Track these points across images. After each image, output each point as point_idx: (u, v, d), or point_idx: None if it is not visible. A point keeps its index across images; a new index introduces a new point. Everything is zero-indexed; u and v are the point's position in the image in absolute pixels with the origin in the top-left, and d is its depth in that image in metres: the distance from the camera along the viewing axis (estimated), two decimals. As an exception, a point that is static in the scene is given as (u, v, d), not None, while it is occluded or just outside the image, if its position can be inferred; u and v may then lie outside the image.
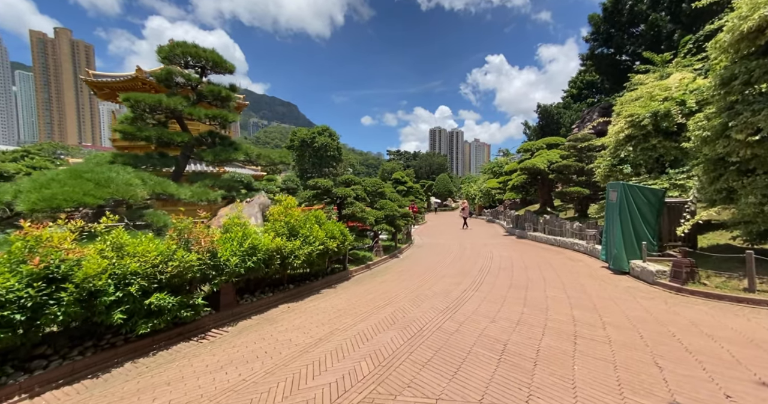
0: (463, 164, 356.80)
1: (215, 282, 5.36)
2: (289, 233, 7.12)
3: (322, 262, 7.90)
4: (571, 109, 36.83)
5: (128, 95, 7.14)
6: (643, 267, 7.42)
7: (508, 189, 21.01)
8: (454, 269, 9.94)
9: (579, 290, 6.93)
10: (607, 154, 11.62)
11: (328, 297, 7.20)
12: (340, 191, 10.02)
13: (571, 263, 10.26)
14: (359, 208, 10.04)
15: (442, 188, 64.10)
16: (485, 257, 11.88)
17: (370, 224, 10.98)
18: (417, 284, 8.07)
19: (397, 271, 10.01)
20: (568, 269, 9.23)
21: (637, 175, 10.46)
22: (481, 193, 37.56)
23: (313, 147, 61.37)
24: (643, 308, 5.65)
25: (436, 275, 9.06)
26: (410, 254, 13.87)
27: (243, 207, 7.44)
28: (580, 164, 14.94)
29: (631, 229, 8.11)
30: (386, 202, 12.96)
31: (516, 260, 11.17)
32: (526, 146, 21.29)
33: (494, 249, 13.96)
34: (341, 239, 8.34)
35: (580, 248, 12.29)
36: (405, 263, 11.38)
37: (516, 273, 8.96)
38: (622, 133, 10.57)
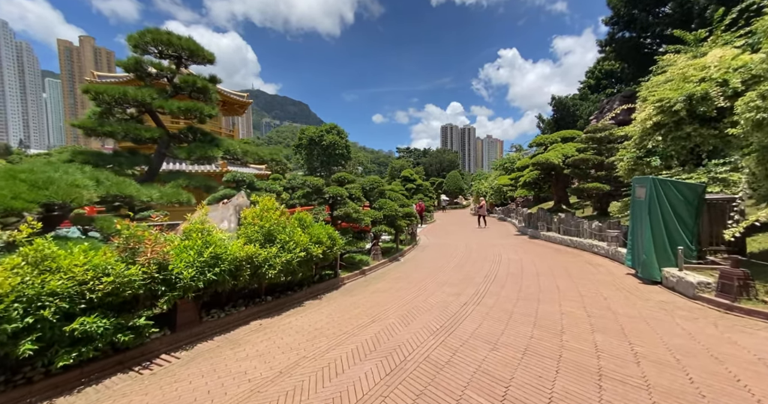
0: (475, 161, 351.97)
1: (165, 299, 4.55)
2: (264, 239, 6.28)
3: (307, 270, 7.05)
4: (588, 100, 34.93)
5: (88, 87, 6.43)
6: (679, 277, 6.26)
7: (519, 186, 19.74)
8: (457, 275, 8.94)
9: (601, 305, 5.84)
10: (631, 145, 10.36)
11: (310, 311, 6.33)
12: (331, 190, 9.15)
13: (591, 268, 9.11)
14: (352, 208, 9.15)
15: (453, 185, 62.60)
16: (492, 261, 10.81)
17: (366, 225, 10.07)
18: (412, 295, 7.13)
19: (393, 277, 9.08)
20: (586, 277, 8.11)
21: (668, 168, 9.20)
22: (492, 190, 36.14)
23: (321, 145, 60.90)
24: (686, 332, 4.55)
25: (435, 283, 8.09)
26: (412, 256, 12.90)
27: (209, 210, 6.63)
28: (599, 158, 13.64)
29: (663, 231, 6.94)
30: (385, 201, 12.03)
31: (527, 264, 10.07)
32: (539, 139, 19.96)
33: (503, 251, 12.85)
34: (329, 243, 7.47)
35: (600, 250, 11.07)
36: (404, 268, 10.44)
37: (526, 281, 7.90)
38: (650, 120, 9.31)
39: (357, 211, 9.26)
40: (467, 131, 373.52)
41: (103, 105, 6.73)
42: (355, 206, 9.28)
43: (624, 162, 10.26)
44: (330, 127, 64.44)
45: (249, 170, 25.58)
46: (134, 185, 5.97)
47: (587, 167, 14.26)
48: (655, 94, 9.46)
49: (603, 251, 10.84)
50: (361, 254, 11.54)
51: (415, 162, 74.50)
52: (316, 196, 9.42)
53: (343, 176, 9.81)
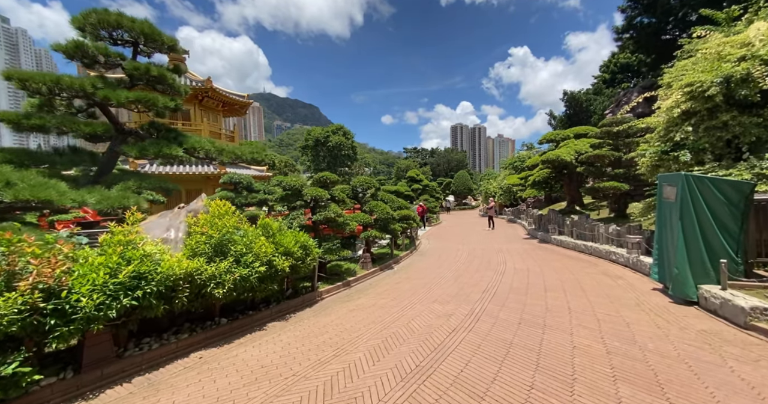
0: (486, 160, 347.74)
1: (57, 336, 3.56)
2: (213, 252, 5.28)
3: (272, 286, 6.00)
4: (603, 95, 33.11)
5: (10, 72, 5.55)
6: (724, 299, 4.98)
7: (529, 185, 18.38)
8: (453, 288, 7.78)
9: (624, 336, 4.62)
10: (654, 138, 9.02)
11: (267, 338, 5.28)
12: (310, 191, 8.11)
13: (609, 281, 7.83)
14: (334, 212, 8.09)
15: (462, 185, 61.05)
16: (495, 271, 9.60)
17: (352, 230, 9.00)
18: (395, 315, 6.02)
19: (380, 291, 7.98)
20: (604, 292, 6.85)
21: (700, 164, 7.85)
22: (501, 190, 34.65)
23: (327, 146, 60.23)
24: (746, 384, 3.32)
25: (424, 300, 6.95)
26: (408, 264, 11.77)
27: (158, 216, 5.67)
28: (616, 154, 12.26)
29: (699, 239, 5.66)
30: (377, 204, 10.94)
31: (534, 275, 8.83)
32: (550, 135, 18.56)
33: (509, 258, 11.60)
34: (300, 254, 6.43)
35: (618, 258, 9.74)
36: (395, 279, 9.32)
37: (531, 298, 6.69)
38: (678, 108, 7.98)
39: (340, 215, 8.20)
40: (477, 130, 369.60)
41: (36, 95, 5.84)
42: (337, 210, 8.23)
43: (646, 158, 8.93)
44: (336, 128, 63.77)
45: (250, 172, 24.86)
46: (59, 187, 5.05)
47: (603, 164, 12.89)
48: (684, 78, 8.12)
49: (622, 259, 9.50)
50: (350, 262, 10.49)
51: (423, 162, 73.18)
52: (294, 199, 8.40)
53: (326, 177, 8.77)
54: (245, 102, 26.19)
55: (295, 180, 8.17)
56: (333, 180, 8.89)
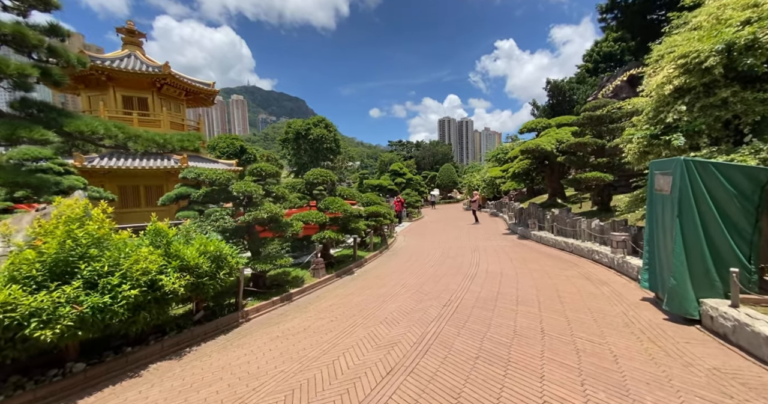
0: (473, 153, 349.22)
1: None
2: (50, 274, 3.80)
3: (158, 313, 4.57)
4: (587, 83, 32.30)
5: None
6: (739, 322, 3.81)
7: (508, 177, 17.27)
8: (409, 303, 6.49)
9: (613, 381, 3.39)
10: (642, 121, 7.86)
11: (125, 398, 3.87)
12: (238, 187, 6.64)
13: (591, 288, 6.67)
14: (267, 211, 6.65)
15: (447, 179, 60.08)
16: (465, 275, 8.38)
17: (295, 232, 7.59)
18: (323, 347, 4.67)
19: (322, 307, 6.63)
20: (585, 305, 5.67)
21: (695, 149, 6.72)
22: (485, 183, 33.68)
23: (309, 139, 58.24)
24: None
25: (371, 319, 5.64)
26: (372, 267, 10.46)
27: (9, 221, 4.14)
28: (599, 141, 11.16)
29: (702, 241, 4.49)
30: (333, 200, 9.54)
31: (507, 281, 7.63)
32: (531, 124, 17.43)
33: (483, 258, 10.41)
34: (208, 268, 5.01)
35: (602, 258, 8.63)
36: (348, 289, 7.99)
37: (498, 316, 5.45)
38: (669, 85, 6.81)
39: (276, 214, 6.76)
40: (465, 123, 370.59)
41: None
42: (273, 208, 6.79)
43: (633, 144, 7.77)
44: (318, 120, 61.74)
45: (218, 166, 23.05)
46: None
47: (585, 153, 11.79)
48: (676, 49, 6.93)
49: (606, 259, 8.40)
50: (303, 268, 9.12)
51: (408, 156, 71.92)
52: (219, 196, 6.91)
53: (261, 168, 7.30)
54: (211, 90, 24.19)
55: (218, 173, 6.68)
56: (270, 172, 7.43)
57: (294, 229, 7.51)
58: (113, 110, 19.79)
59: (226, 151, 65.12)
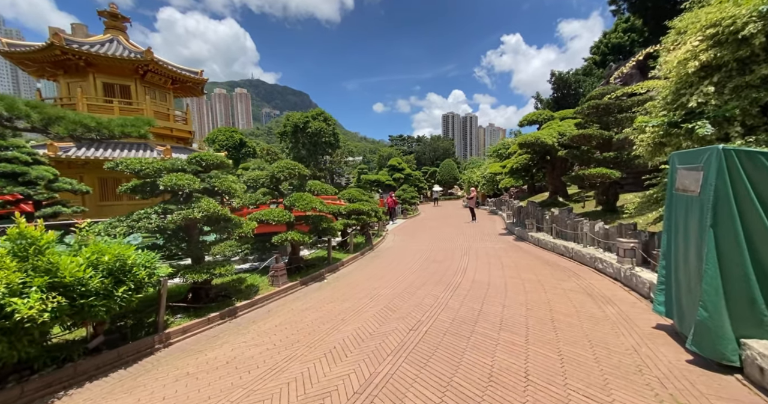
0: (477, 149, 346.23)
1: None
2: None
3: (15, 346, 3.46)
4: (593, 76, 30.72)
5: None
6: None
7: (506, 173, 16.02)
8: (369, 324, 5.36)
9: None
10: (658, 106, 6.60)
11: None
12: (166, 180, 5.49)
13: (593, 308, 5.48)
14: (203, 209, 5.51)
15: (447, 174, 58.70)
16: (447, 286, 7.23)
17: (245, 233, 6.44)
18: (233, 398, 3.56)
19: (266, 327, 5.50)
20: (585, 334, 4.50)
21: (723, 139, 5.48)
22: (485, 179, 32.35)
23: (307, 133, 57.04)
24: None
25: (314, 350, 4.52)
26: (347, 273, 9.34)
27: None
28: (605, 133, 9.88)
29: (746, 260, 3.30)
30: (299, 196, 8.38)
31: (493, 295, 6.46)
32: (532, 116, 16.12)
33: (472, 264, 9.25)
34: (100, 284, 3.89)
35: (606, 268, 7.43)
36: (306, 302, 6.86)
37: (473, 348, 4.29)
38: (694, 61, 5.55)
39: (208, 211, 5.61)
40: (469, 119, 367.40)
41: None
42: (212, 206, 5.65)
43: (646, 134, 6.52)
44: (316, 113, 60.55)
45: None
46: None
47: (590, 146, 10.52)
48: (705, 16, 5.65)
49: (611, 269, 7.20)
50: (259, 274, 8.02)
51: (408, 151, 70.53)
52: (145, 189, 5.77)
53: (201, 157, 6.15)
54: (199, 79, 22.99)
55: (145, 163, 5.53)
56: (213, 162, 6.27)
57: (243, 230, 6.37)
58: (93, 98, 18.75)
59: (225, 144, 64.18)
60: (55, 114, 6.37)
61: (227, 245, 8.10)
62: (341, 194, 12.82)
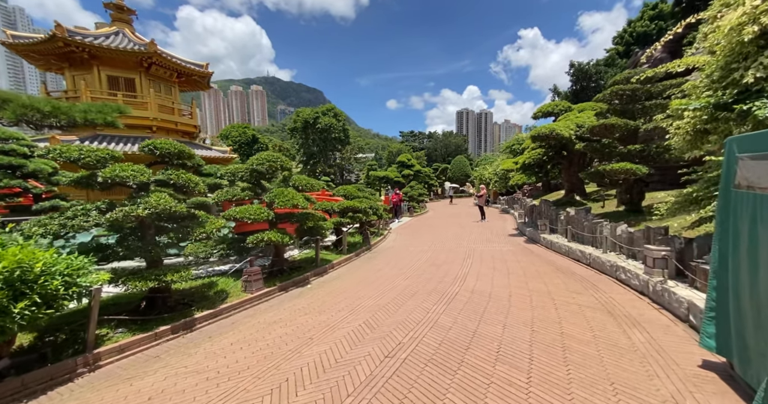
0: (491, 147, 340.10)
1: None
2: None
3: None
4: (616, 66, 28.77)
5: None
6: None
7: (517, 169, 14.82)
8: (338, 349, 4.47)
9: None
10: (700, 86, 5.43)
11: None
12: (107, 172, 4.68)
13: (615, 334, 4.44)
14: (150, 205, 4.72)
15: (458, 171, 57.16)
16: (441, 296, 6.27)
17: (207, 233, 5.63)
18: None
19: (217, 348, 4.67)
20: (605, 373, 3.48)
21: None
22: (497, 176, 30.95)
23: (317, 128, 56.49)
24: None
25: (260, 385, 3.67)
26: (335, 277, 8.49)
27: None
28: (631, 123, 8.64)
29: None
30: (281, 192, 7.54)
31: (494, 311, 5.47)
32: (547, 107, 14.82)
33: (474, 269, 8.25)
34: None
35: (631, 279, 6.31)
36: (276, 314, 6.02)
37: (458, 389, 3.35)
38: (752, 26, 4.39)
39: (155, 208, 4.80)
40: (484, 115, 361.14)
41: None
42: (163, 202, 4.85)
43: (685, 120, 5.37)
44: (326, 108, 59.94)
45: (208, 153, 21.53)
46: None
47: (613, 138, 9.28)
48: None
49: (637, 281, 6.08)
50: (232, 278, 7.26)
51: (419, 147, 69.15)
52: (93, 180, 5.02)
53: (156, 145, 5.36)
54: (204, 72, 22.51)
55: (87, 152, 4.77)
56: (170, 151, 5.46)
57: (205, 230, 5.56)
58: (97, 91, 18.48)
59: (238, 140, 64.21)
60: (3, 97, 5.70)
61: (201, 245, 7.41)
62: (336, 191, 11.95)
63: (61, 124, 6.61)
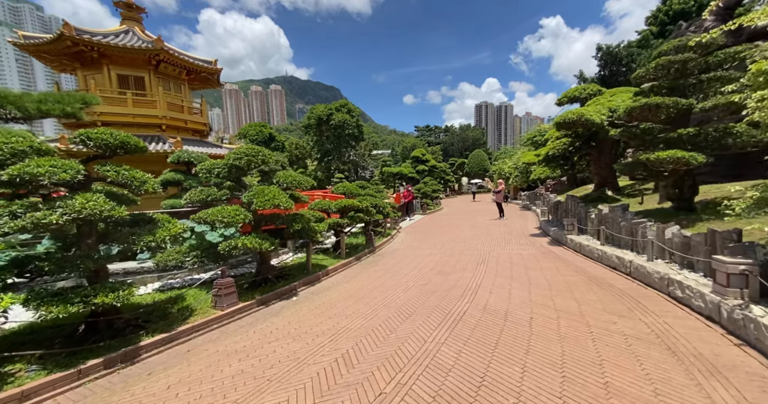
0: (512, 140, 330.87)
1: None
2: None
3: None
4: (651, 48, 26.16)
5: None
6: None
7: (539, 162, 13.26)
8: (297, 399, 3.39)
9: None
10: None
11: None
12: (15, 170, 3.78)
13: (685, 387, 3.12)
14: (71, 209, 3.78)
15: (476, 166, 55.06)
16: (446, 317, 5.08)
17: (151, 243, 4.66)
18: None
19: (139, 397, 3.71)
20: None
21: None
22: (517, 170, 29.05)
23: (330, 125, 55.84)
24: None
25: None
26: (327, 286, 7.43)
27: None
28: (683, 102, 7.06)
29: None
30: (260, 191, 6.53)
31: (510, 340, 4.23)
32: (573, 92, 13.15)
33: (488, 279, 6.98)
34: None
35: (692, 297, 4.88)
36: (242, 339, 5.02)
37: None
38: None
39: (79, 213, 3.85)
40: (504, 108, 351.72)
41: None
42: (90, 203, 3.91)
43: (774, 88, 3.92)
44: (340, 104, 59.22)
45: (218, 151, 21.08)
46: None
47: (657, 122, 7.70)
48: None
49: (701, 302, 4.66)
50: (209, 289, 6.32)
51: (435, 141, 67.26)
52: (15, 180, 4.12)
53: (91, 135, 4.42)
54: (213, 69, 21.96)
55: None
56: (110, 143, 4.51)
57: (152, 238, 4.59)
58: (107, 90, 18.23)
59: (256, 138, 64.77)
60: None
61: (173, 252, 6.50)
62: (335, 188, 10.90)
63: (10, 116, 5.80)
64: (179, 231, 5.06)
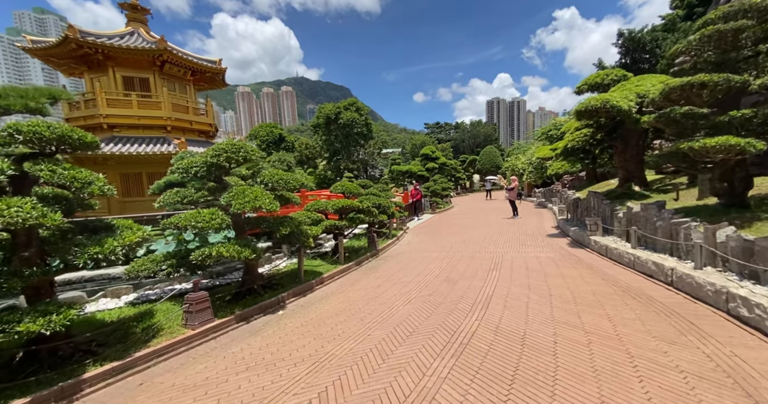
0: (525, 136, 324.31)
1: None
2: None
3: None
4: (679, 31, 24.33)
5: None
6: None
7: (556, 156, 12.14)
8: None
9: None
10: None
11: None
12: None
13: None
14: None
15: (488, 162, 53.45)
16: (448, 340, 4.20)
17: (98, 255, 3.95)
18: None
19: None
20: None
21: None
22: (531, 166, 27.66)
23: (339, 124, 55.26)
24: None
25: None
26: (320, 297, 6.65)
27: None
28: (735, 78, 5.91)
29: None
30: (240, 192, 5.77)
31: (529, 378, 3.30)
32: (594, 78, 11.95)
33: (502, 289, 6.04)
34: None
35: (763, 318, 3.85)
36: (205, 369, 4.25)
37: None
38: None
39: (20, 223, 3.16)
40: (516, 104, 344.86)
41: None
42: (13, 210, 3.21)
43: None
44: (348, 103, 58.60)
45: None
46: None
47: (701, 103, 6.55)
48: None
49: (780, 328, 3.63)
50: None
51: (445, 138, 65.82)
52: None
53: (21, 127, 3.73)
54: (217, 69, 21.52)
55: None
56: (45, 136, 3.81)
57: (98, 250, 3.87)
58: (113, 93, 18.00)
59: (266, 139, 64.63)
60: None
61: (146, 261, 5.81)
62: (333, 187, 10.11)
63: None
64: (135, 240, 4.33)
